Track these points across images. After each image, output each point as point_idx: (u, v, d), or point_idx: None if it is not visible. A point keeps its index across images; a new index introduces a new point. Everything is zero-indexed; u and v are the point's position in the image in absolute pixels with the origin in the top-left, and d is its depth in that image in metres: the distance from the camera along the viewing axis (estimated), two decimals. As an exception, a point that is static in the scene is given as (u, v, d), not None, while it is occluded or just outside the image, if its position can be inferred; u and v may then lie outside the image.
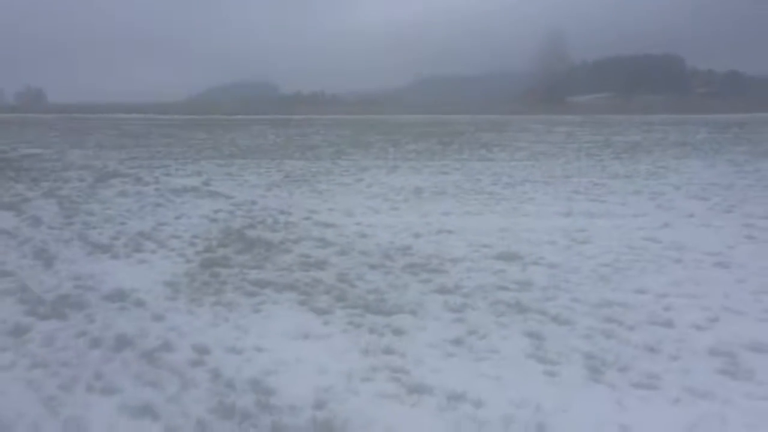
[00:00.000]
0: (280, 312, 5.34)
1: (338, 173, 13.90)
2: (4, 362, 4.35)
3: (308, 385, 3.97)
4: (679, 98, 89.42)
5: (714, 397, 3.72)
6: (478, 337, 4.71)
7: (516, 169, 14.43)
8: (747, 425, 3.44)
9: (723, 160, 15.64)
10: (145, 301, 5.60)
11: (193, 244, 7.64)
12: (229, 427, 3.51)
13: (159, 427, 3.52)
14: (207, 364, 4.32)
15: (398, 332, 4.84)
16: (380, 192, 11.29)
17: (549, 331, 4.82)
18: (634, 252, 7.00)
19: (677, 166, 14.52)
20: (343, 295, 5.73)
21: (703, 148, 19.53)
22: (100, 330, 4.90)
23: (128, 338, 4.74)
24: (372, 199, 10.62)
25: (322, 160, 16.60)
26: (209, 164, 15.70)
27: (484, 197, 10.66)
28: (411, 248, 7.32)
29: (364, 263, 6.75)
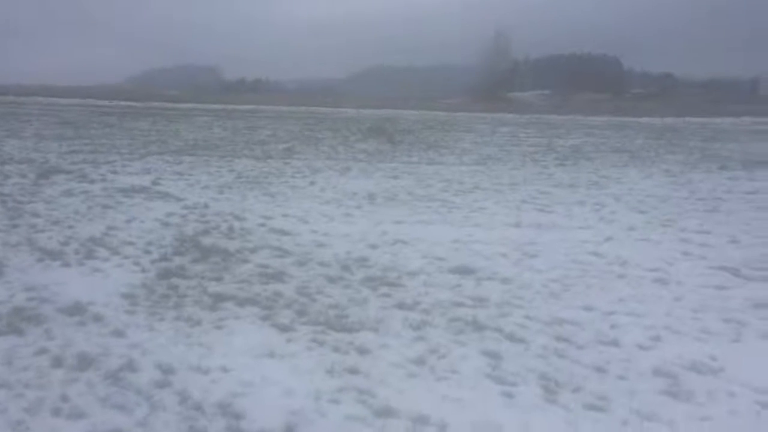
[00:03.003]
0: (242, 328, 5.40)
1: (290, 174, 13.90)
2: (-36, 383, 4.27)
3: (277, 407, 4.06)
4: (616, 98, 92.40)
5: (659, 419, 4.02)
6: (438, 357, 4.89)
7: (465, 174, 14.75)
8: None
9: (659, 170, 16.40)
10: (104, 315, 5.55)
11: (148, 252, 7.56)
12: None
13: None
14: (173, 386, 4.35)
15: (362, 351, 4.98)
16: (334, 197, 11.38)
17: (505, 349, 5.05)
18: (581, 267, 7.34)
19: (617, 176, 15.15)
20: (304, 309, 5.83)
21: (640, 155, 20.38)
22: (61, 347, 4.85)
23: (91, 357, 4.72)
24: (326, 204, 10.70)
25: (272, 159, 16.54)
26: (157, 160, 15.42)
27: (436, 205, 10.90)
28: (368, 260, 7.46)
29: (323, 275, 6.86)
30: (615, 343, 5.21)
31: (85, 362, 4.62)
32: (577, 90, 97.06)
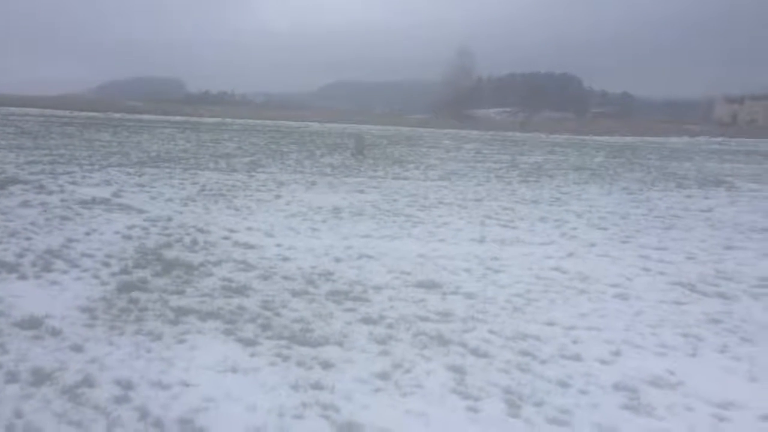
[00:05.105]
0: (205, 342, 5.31)
1: (255, 188, 13.79)
2: None
3: (240, 424, 4.00)
4: (577, 116, 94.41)
5: (619, 433, 4.08)
6: (403, 371, 4.89)
7: (430, 189, 14.85)
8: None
9: (618, 188, 16.77)
10: (61, 329, 5.40)
11: (108, 265, 7.40)
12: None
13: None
14: (132, 401, 4.25)
15: (326, 365, 4.94)
16: (299, 211, 11.32)
17: (469, 364, 5.07)
18: (544, 282, 7.43)
19: (578, 192, 15.43)
20: (268, 324, 5.77)
21: (600, 173, 20.81)
22: (15, 362, 4.70)
23: (47, 372, 4.58)
24: (291, 218, 10.64)
25: (237, 172, 16.40)
26: (118, 172, 15.14)
27: (401, 220, 10.93)
28: (333, 274, 7.43)
29: (288, 289, 6.80)
30: (577, 358, 5.27)
31: (40, 377, 4.49)
32: (539, 108, 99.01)
